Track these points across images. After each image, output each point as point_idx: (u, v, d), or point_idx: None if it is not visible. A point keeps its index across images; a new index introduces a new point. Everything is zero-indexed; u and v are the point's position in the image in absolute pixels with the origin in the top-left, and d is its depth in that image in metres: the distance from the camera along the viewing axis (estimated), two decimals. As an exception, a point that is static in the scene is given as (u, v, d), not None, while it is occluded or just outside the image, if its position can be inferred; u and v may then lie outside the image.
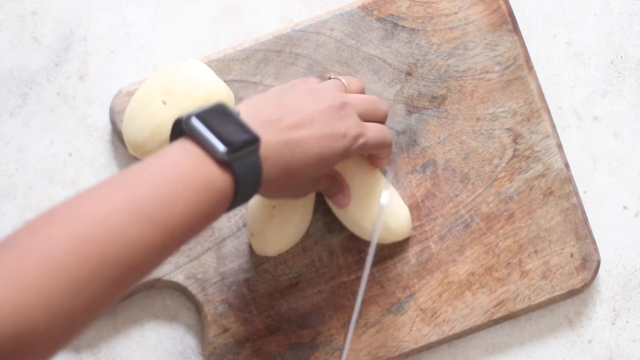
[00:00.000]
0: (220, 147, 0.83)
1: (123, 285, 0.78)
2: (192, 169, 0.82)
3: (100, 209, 0.78)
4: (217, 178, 0.83)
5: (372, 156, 1.01)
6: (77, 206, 0.78)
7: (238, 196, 0.84)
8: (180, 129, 0.86)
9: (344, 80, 1.00)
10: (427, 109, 1.06)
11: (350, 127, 0.93)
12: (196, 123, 0.85)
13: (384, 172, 1.04)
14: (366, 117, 0.97)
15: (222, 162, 0.83)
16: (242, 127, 0.86)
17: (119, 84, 1.09)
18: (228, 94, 1.03)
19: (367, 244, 1.03)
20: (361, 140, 0.94)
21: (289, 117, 0.90)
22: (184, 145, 0.84)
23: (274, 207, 1.00)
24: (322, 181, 0.98)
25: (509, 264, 1.05)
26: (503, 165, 1.06)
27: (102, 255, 0.75)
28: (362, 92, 1.02)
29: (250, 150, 0.85)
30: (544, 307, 1.06)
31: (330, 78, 1.02)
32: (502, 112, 1.06)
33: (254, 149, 0.85)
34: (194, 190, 0.81)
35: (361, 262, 1.05)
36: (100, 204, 0.78)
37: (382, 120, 1.00)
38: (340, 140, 0.92)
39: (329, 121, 0.92)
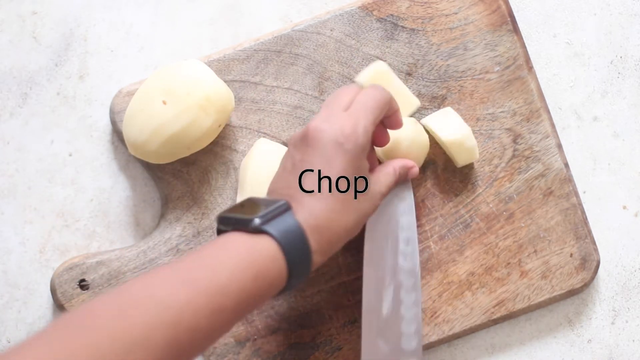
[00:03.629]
0: (251, 219, 0.88)
1: (182, 348, 0.81)
2: (231, 241, 0.87)
3: (146, 280, 0.83)
4: (256, 243, 0.87)
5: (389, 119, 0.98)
6: (129, 286, 0.83)
7: (289, 258, 0.88)
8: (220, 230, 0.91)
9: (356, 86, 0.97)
10: (427, 109, 1.06)
11: (344, 127, 0.92)
12: (226, 214, 0.91)
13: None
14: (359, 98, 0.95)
15: (257, 231, 0.88)
16: (268, 201, 0.90)
17: (119, 84, 1.09)
18: (228, 94, 1.03)
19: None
20: (361, 125, 0.92)
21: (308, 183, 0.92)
22: (223, 234, 0.90)
23: None
24: (377, 188, 0.96)
25: (508, 263, 1.05)
26: (503, 165, 1.06)
27: (149, 318, 0.80)
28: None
29: (277, 213, 0.89)
30: (543, 307, 1.06)
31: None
32: (501, 112, 1.06)
33: (282, 211, 0.89)
34: (237, 256, 0.86)
35: (361, 262, 1.05)
36: (149, 277, 0.84)
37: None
38: (344, 144, 0.91)
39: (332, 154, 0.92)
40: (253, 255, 0.86)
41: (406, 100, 1.02)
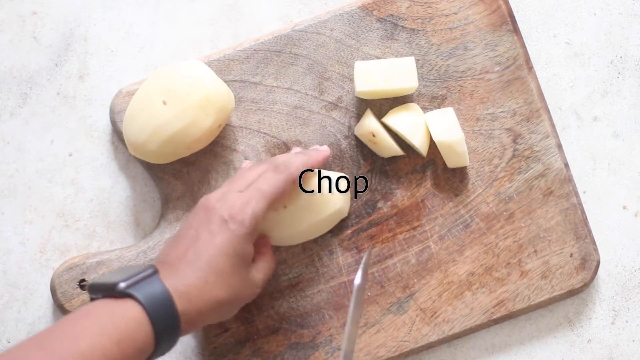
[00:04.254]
0: (116, 283, 0.89)
1: None
2: (95, 307, 0.88)
3: (9, 352, 0.84)
4: (121, 308, 0.87)
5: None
6: None
7: (155, 321, 0.88)
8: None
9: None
10: (427, 109, 1.06)
11: (232, 208, 0.94)
12: (95, 281, 0.91)
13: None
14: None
15: (122, 295, 0.88)
16: (138, 267, 0.91)
17: (119, 84, 1.09)
18: (228, 94, 1.03)
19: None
20: (250, 209, 0.94)
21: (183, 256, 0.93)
22: (90, 302, 0.90)
23: (285, 207, 1.01)
24: (258, 276, 0.98)
25: (508, 263, 1.05)
26: (503, 165, 1.06)
27: None
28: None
29: (143, 277, 0.89)
30: (543, 307, 1.06)
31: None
32: (501, 112, 1.06)
33: (147, 275, 0.90)
34: (99, 321, 0.86)
35: (361, 262, 1.05)
36: (13, 349, 0.84)
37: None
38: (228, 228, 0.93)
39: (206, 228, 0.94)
40: (116, 319, 0.86)
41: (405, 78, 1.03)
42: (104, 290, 0.89)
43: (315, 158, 1.00)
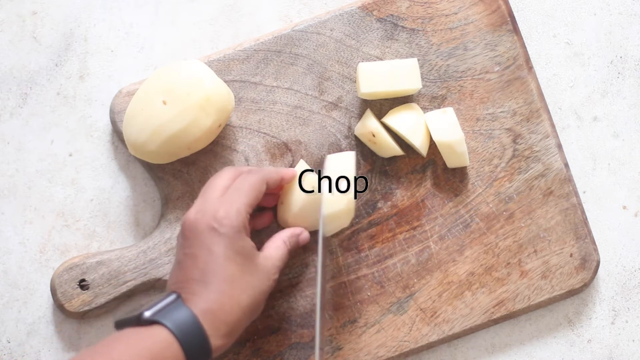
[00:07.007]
0: (141, 313, 0.91)
1: None
2: (125, 334, 0.90)
3: None
4: (150, 333, 0.89)
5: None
6: None
7: (184, 343, 0.89)
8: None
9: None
10: (427, 109, 1.06)
11: (218, 213, 0.94)
12: (120, 317, 0.94)
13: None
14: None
15: (148, 323, 0.90)
16: (160, 296, 0.93)
17: (119, 84, 1.09)
18: (228, 94, 1.03)
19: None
20: (234, 208, 0.94)
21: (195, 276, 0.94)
22: (120, 331, 0.92)
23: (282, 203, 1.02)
24: (270, 263, 0.98)
25: (508, 263, 1.05)
26: (503, 165, 1.06)
27: None
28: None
29: (167, 304, 0.91)
30: (543, 307, 1.06)
31: None
32: (501, 112, 1.06)
33: (171, 301, 0.91)
34: (131, 346, 0.88)
35: (361, 262, 1.05)
36: None
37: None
38: (221, 229, 0.94)
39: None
40: (147, 344, 0.88)
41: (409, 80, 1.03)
42: (130, 323, 0.91)
43: (287, 175, 1.01)
